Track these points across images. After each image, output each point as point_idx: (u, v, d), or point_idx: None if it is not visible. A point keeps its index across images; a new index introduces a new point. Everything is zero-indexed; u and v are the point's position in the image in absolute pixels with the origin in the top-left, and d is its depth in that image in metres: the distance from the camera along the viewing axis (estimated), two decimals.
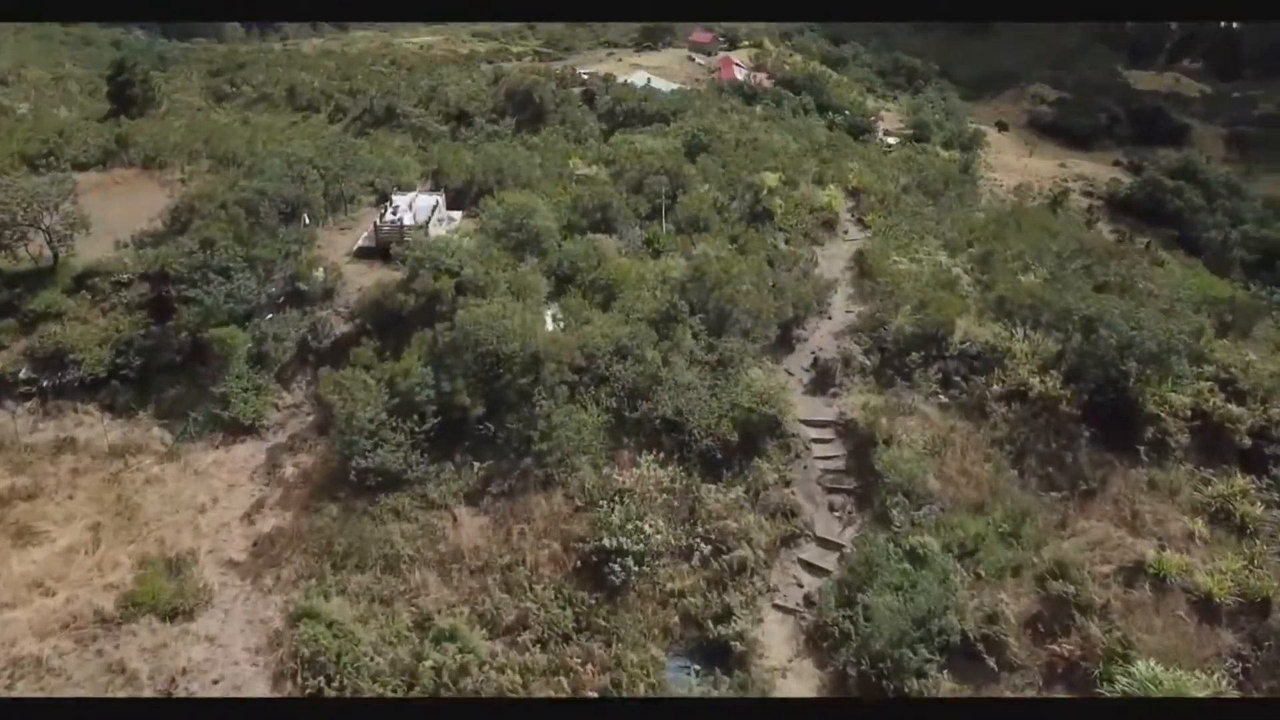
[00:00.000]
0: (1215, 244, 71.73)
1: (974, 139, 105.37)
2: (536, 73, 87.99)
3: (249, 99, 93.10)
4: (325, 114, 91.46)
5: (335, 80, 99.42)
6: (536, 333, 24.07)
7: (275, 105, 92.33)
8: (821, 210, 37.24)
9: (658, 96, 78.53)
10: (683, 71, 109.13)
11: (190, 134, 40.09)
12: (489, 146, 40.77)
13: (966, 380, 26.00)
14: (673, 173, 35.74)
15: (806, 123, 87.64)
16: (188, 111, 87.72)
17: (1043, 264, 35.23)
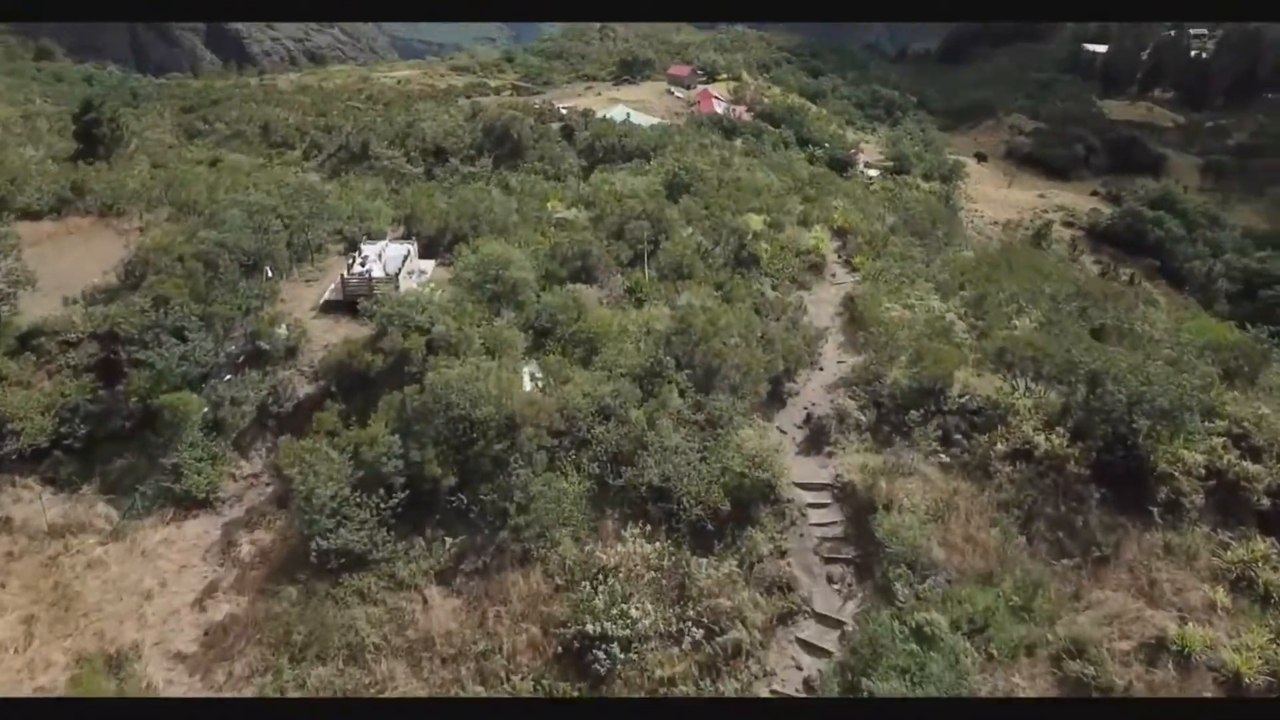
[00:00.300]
0: (1199, 276, 71.39)
1: (954, 170, 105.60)
2: (514, 108, 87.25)
3: (222, 136, 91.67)
4: (300, 151, 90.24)
5: (310, 117, 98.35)
6: (513, 394, 22.54)
7: (249, 142, 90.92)
8: (808, 254, 36.09)
9: (637, 132, 77.86)
10: (661, 105, 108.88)
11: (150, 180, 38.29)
12: (464, 190, 39.19)
13: (968, 438, 24.67)
14: (654, 217, 34.46)
15: (787, 157, 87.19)
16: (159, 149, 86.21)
17: (1037, 306, 34.24)
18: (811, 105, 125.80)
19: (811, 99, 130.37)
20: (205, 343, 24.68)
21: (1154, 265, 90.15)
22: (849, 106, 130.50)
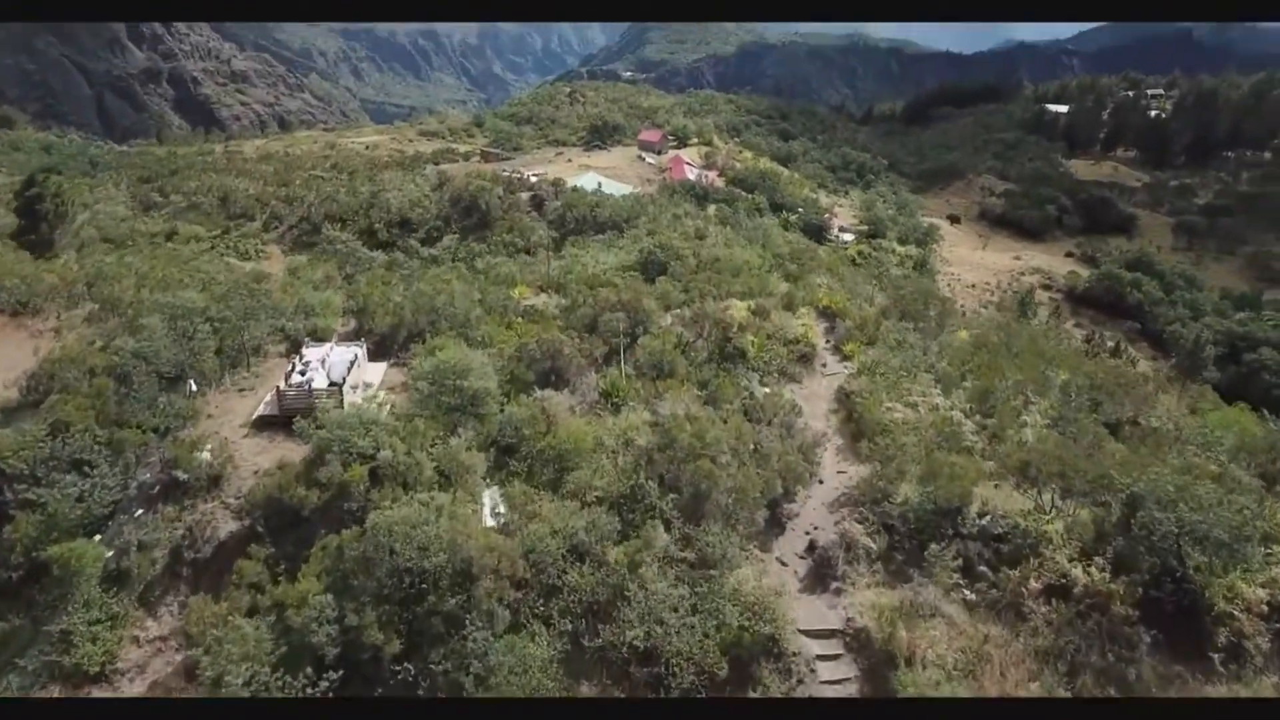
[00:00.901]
0: (1187, 343, 69.82)
1: (928, 234, 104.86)
2: (482, 177, 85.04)
3: (178, 208, 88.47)
4: (260, 222, 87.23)
5: (272, 187, 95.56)
6: (469, 537, 19.15)
7: (207, 214, 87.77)
8: (796, 343, 33.33)
9: (609, 202, 75.86)
10: (633, 172, 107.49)
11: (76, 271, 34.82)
12: (423, 280, 35.88)
13: (994, 569, 21.59)
14: (630, 306, 31.56)
15: (762, 224, 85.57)
16: (111, 222, 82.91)
17: (1044, 397, 31.63)
18: (783, 169, 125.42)
19: (783, 163, 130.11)
20: (110, 477, 21.14)
21: (1135, 328, 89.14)
22: (820, 170, 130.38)
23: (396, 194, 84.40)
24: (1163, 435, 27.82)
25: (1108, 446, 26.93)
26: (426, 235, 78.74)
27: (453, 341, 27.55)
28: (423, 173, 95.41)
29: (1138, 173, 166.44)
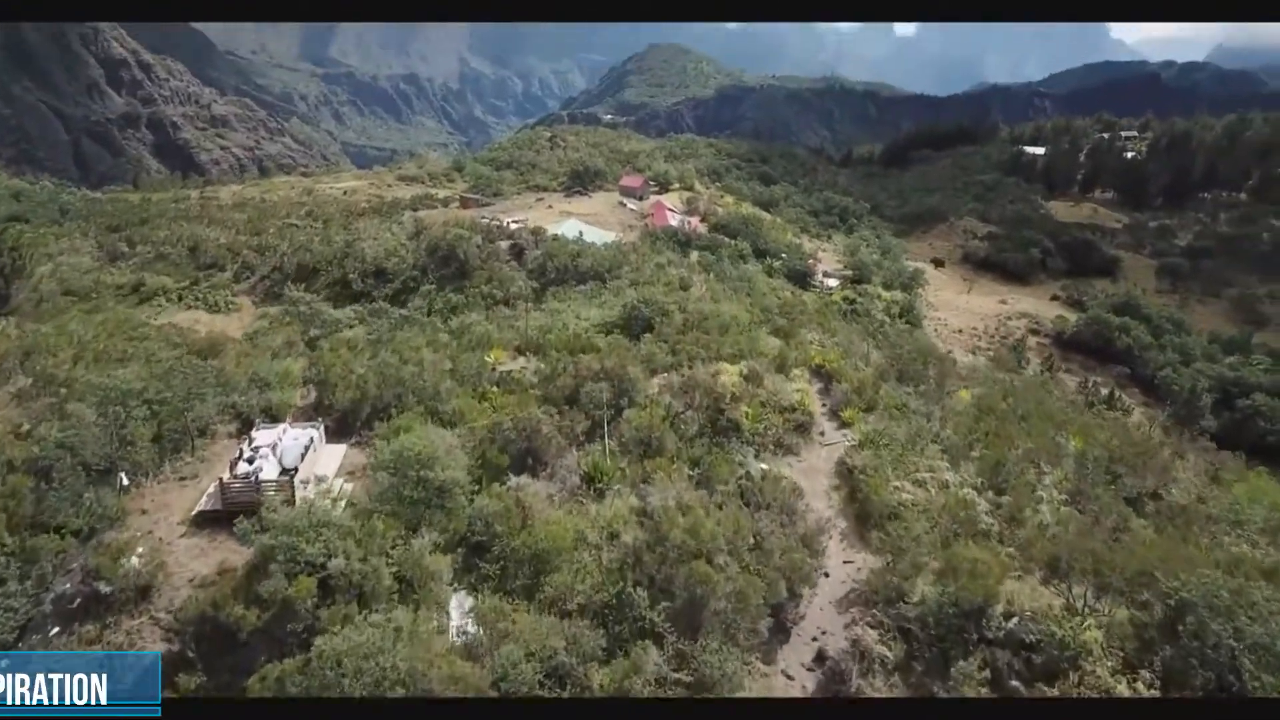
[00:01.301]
0: (1183, 391, 68.37)
1: (914, 278, 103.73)
2: (460, 225, 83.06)
3: (145, 259, 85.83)
4: (230, 273, 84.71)
5: (244, 236, 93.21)
6: (432, 663, 16.56)
7: (176, 264, 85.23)
8: (792, 411, 31.11)
9: (590, 251, 73.91)
10: (614, 218, 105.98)
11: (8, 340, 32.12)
12: (389, 351, 33.02)
13: (1028, 683, 19.19)
14: (614, 374, 29.24)
15: (746, 272, 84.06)
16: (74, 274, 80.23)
17: (1058, 467, 29.54)
18: (765, 214, 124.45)
19: (765, 207, 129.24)
20: (20, 595, 18.40)
21: (1125, 372, 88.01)
22: (803, 214, 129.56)
23: (372, 243, 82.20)
24: (1191, 513, 25.70)
25: (1134, 528, 24.76)
26: (402, 285, 76.41)
27: (420, 420, 25.12)
28: (399, 220, 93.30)
29: (1117, 214, 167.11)
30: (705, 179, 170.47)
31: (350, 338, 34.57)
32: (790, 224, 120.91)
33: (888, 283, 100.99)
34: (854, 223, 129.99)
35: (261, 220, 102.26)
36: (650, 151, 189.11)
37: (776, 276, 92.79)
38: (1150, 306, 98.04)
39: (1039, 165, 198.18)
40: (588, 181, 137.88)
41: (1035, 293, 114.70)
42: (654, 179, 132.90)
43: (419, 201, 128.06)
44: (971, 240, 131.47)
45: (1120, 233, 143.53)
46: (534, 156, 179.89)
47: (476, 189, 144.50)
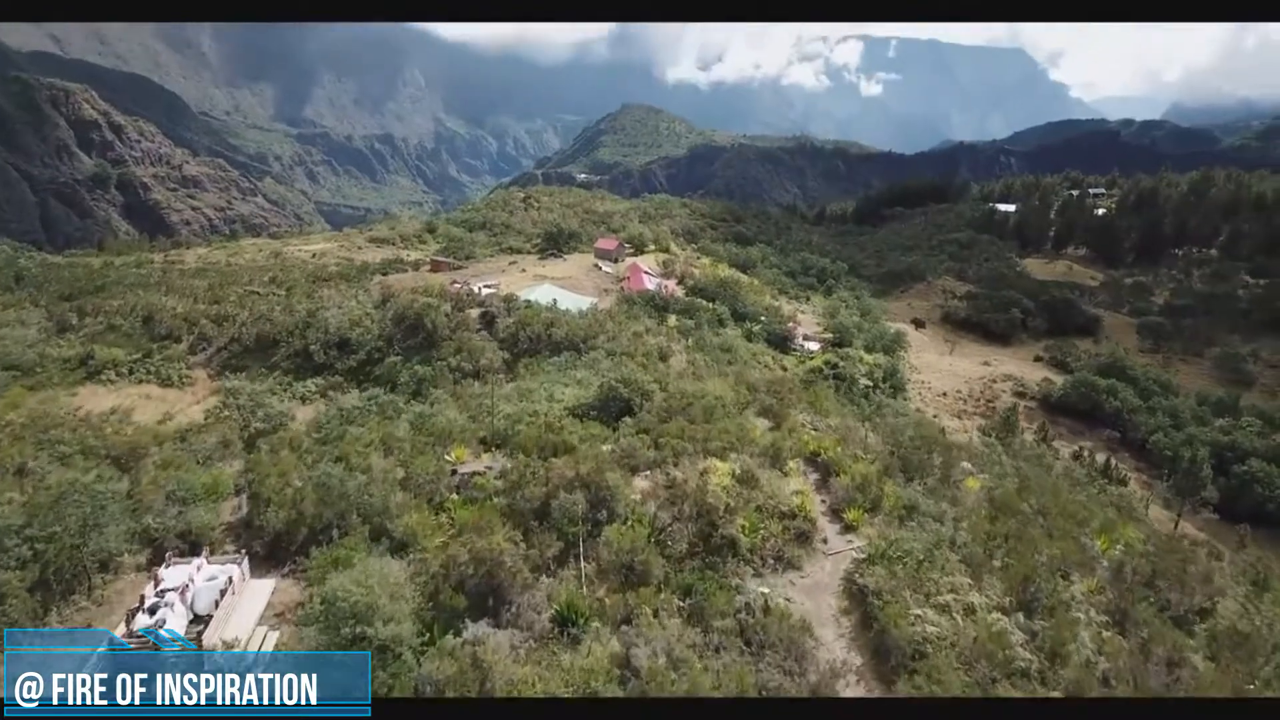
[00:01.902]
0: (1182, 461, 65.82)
1: (895, 340, 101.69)
2: (429, 293, 79.89)
3: (94, 330, 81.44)
4: (186, 344, 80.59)
5: (203, 305, 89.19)
6: None
7: (128, 335, 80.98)
8: (793, 518, 27.69)
9: (565, 318, 70.86)
10: (589, 281, 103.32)
11: None
12: (333, 462, 28.74)
13: None
14: (591, 481, 25.70)
15: (727, 338, 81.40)
16: (18, 348, 75.80)
17: (1090, 576, 26.26)
18: (743, 275, 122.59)
19: (742, 269, 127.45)
20: None
21: (1115, 436, 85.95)
22: (780, 275, 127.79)
23: (336, 312, 78.69)
24: (1256, 641, 22.40)
25: (1190, 660, 21.40)
26: (367, 356, 72.80)
27: (363, 547, 21.37)
28: (365, 288, 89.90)
29: (1092, 271, 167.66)
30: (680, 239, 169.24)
31: (294, 435, 30.75)
32: (768, 285, 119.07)
33: (869, 345, 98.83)
34: (832, 283, 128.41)
35: (222, 287, 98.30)
36: (625, 212, 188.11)
37: (756, 341, 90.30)
38: (1136, 367, 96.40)
39: (1011, 222, 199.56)
40: (562, 243, 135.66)
41: (1018, 353, 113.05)
42: (629, 241, 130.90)
43: (389, 265, 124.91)
44: (951, 300, 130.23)
45: (1098, 291, 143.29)
46: (507, 217, 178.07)
47: (448, 251, 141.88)
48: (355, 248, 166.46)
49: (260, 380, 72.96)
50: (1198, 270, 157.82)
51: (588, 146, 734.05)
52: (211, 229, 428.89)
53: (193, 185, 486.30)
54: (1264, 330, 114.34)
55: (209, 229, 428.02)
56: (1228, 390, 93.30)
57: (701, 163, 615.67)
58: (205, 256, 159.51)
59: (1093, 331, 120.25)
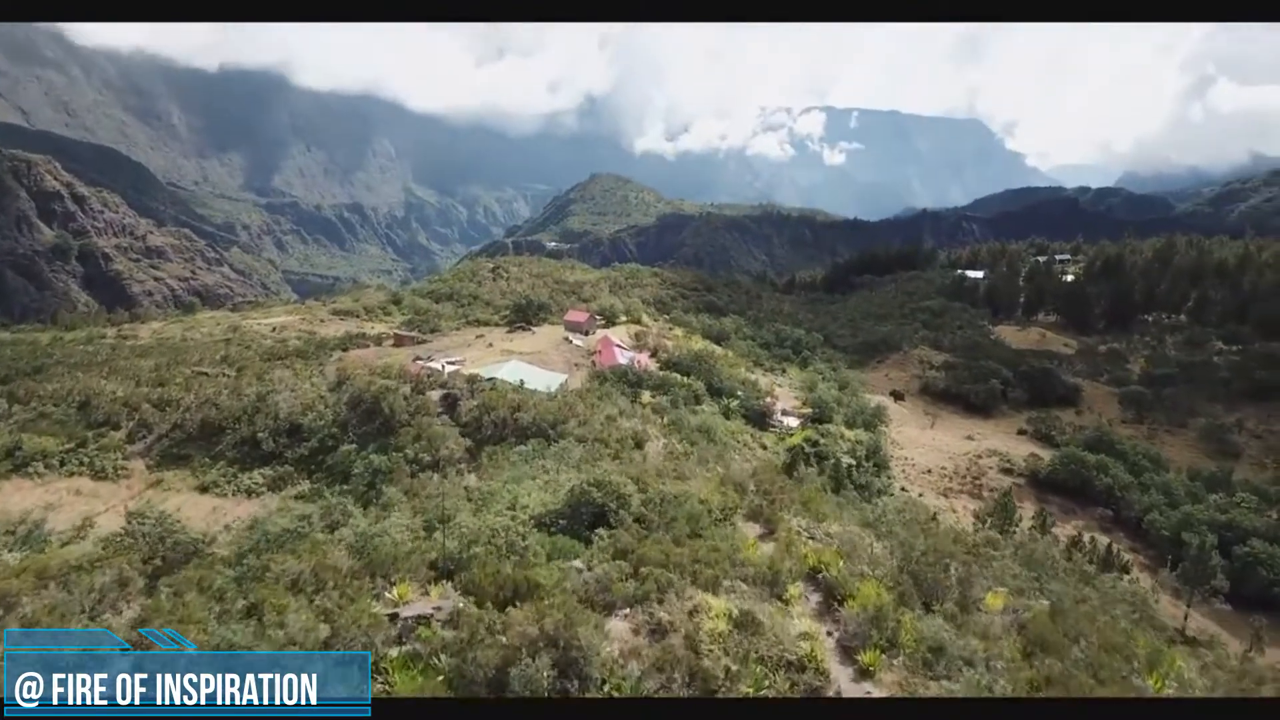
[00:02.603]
0: (1190, 549, 62.33)
1: (876, 415, 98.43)
2: (387, 374, 75.30)
3: (25, 418, 75.59)
4: (125, 431, 74.96)
5: (146, 387, 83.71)
6: None
7: (61, 422, 75.28)
8: (800, 670, 23.21)
9: (532, 401, 66.47)
10: (559, 356, 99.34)
11: None
12: (258, 591, 23.64)
13: None
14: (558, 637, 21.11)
15: (704, 419, 77.41)
16: None
17: None
18: (717, 347, 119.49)
19: (716, 341, 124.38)
20: None
21: (1108, 515, 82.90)
22: (755, 347, 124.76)
23: (287, 395, 73.76)
24: None
25: None
26: (320, 444, 67.70)
27: None
28: (322, 368, 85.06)
29: (1064, 337, 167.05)
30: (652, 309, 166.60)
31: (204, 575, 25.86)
32: (743, 357, 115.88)
33: (850, 420, 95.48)
34: (808, 354, 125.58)
35: (170, 367, 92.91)
36: (595, 282, 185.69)
37: (734, 418, 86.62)
38: (1123, 442, 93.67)
39: (982, 290, 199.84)
40: (531, 315, 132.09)
41: (1000, 426, 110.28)
42: (600, 312, 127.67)
43: (350, 340, 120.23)
44: (929, 370, 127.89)
45: (1074, 359, 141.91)
46: (475, 288, 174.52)
47: (413, 324, 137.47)
48: (317, 320, 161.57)
49: (202, 472, 67.68)
50: (1170, 336, 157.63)
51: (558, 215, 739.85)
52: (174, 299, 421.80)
53: (156, 256, 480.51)
54: (1244, 399, 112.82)
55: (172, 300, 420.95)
56: (1220, 464, 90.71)
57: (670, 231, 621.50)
58: (160, 331, 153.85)
59: (1074, 401, 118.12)
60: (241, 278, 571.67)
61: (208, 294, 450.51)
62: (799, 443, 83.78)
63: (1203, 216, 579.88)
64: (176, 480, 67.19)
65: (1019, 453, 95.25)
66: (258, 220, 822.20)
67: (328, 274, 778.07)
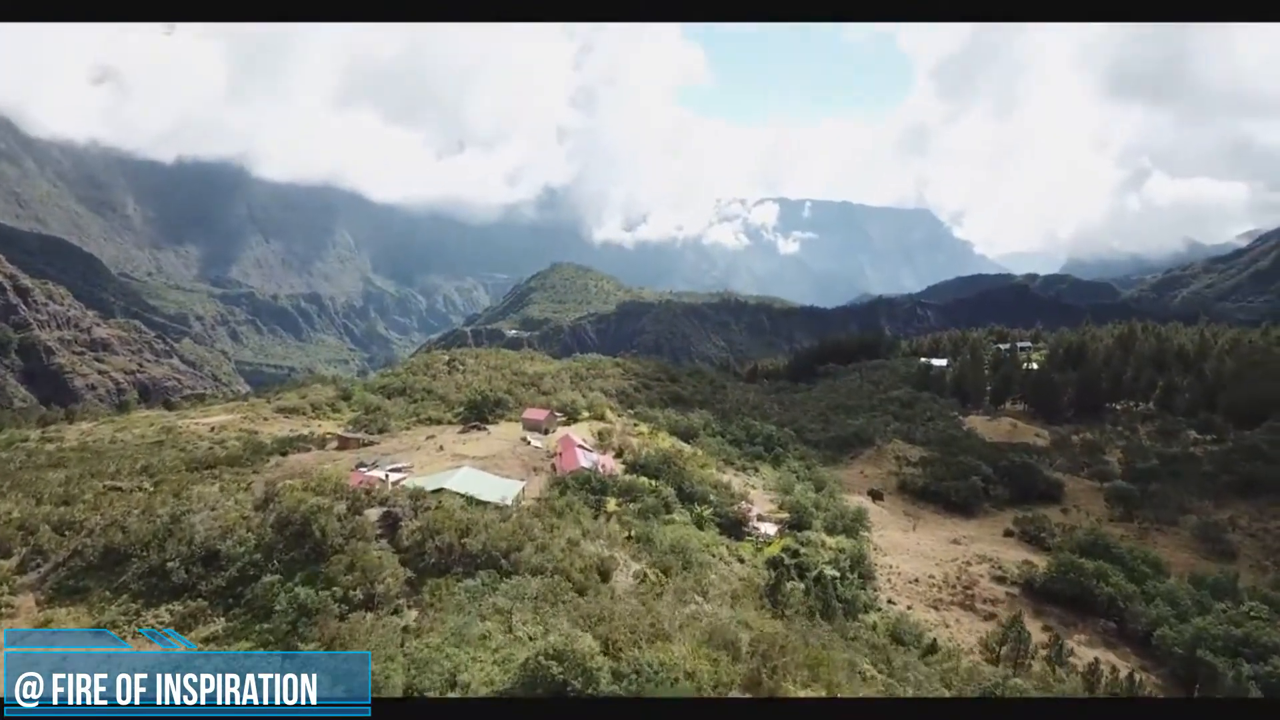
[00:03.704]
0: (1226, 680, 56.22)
1: (857, 519, 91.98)
2: (321, 488, 67.25)
3: None
4: (18, 557, 65.50)
5: (49, 505, 74.51)
6: None
7: None
8: None
9: (482, 522, 58.80)
10: (516, 460, 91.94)
11: None
12: None
13: None
14: None
15: (676, 530, 70.58)
16: None
17: None
18: (685, 445, 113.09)
19: (684, 437, 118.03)
20: None
21: (1111, 627, 76.75)
22: (725, 444, 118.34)
23: (206, 516, 65.04)
24: None
25: None
26: (239, 574, 58.92)
27: None
28: (250, 480, 76.58)
29: (1035, 427, 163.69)
30: (615, 400, 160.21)
31: None
32: (713, 456, 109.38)
33: (830, 526, 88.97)
34: (780, 451, 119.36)
35: (81, 480, 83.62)
36: (556, 373, 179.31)
37: (708, 527, 79.73)
38: (1119, 545, 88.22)
39: (948, 379, 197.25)
40: (487, 412, 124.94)
41: (984, 526, 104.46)
42: (561, 409, 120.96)
43: (290, 442, 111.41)
44: (905, 466, 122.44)
45: (1050, 451, 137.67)
46: (429, 381, 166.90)
47: (360, 423, 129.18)
48: (260, 419, 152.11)
49: (100, 609, 58.47)
50: (1142, 426, 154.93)
51: (518, 304, 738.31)
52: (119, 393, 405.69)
53: (102, 348, 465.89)
54: (1232, 493, 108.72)
55: (116, 393, 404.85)
56: (1221, 567, 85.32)
57: (630, 319, 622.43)
58: (90, 432, 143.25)
59: (1057, 498, 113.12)
60: (191, 369, 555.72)
61: (155, 387, 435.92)
62: (778, 553, 77.21)
63: (1148, 302, 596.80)
64: (69, 618, 57.79)
65: (1009, 558, 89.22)
66: (212, 311, 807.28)
67: (282, 364, 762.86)
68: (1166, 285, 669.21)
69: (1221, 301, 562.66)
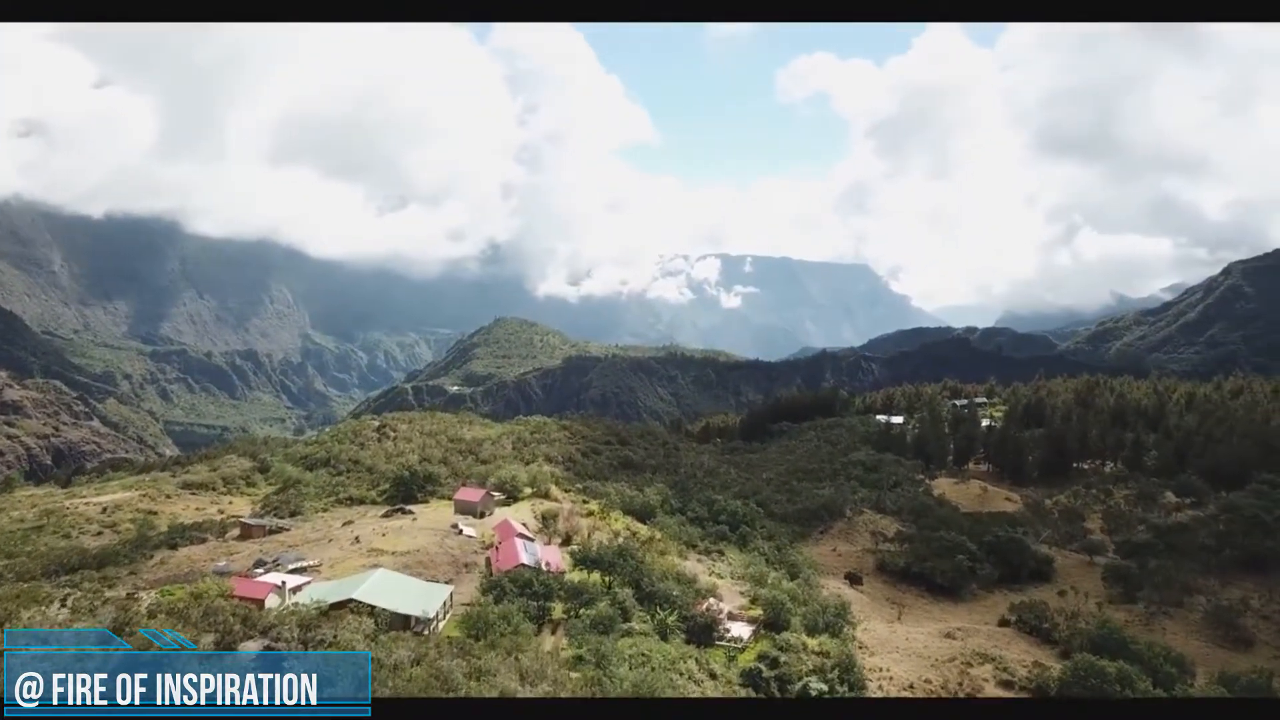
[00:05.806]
0: None
1: (840, 614, 79.96)
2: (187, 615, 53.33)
3: None
4: None
5: None
6: None
7: None
8: None
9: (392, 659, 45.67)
10: (444, 557, 78.33)
11: None
12: None
13: None
14: None
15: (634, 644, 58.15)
16: None
17: None
18: (641, 526, 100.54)
19: (639, 517, 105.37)
20: None
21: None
22: (686, 524, 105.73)
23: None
24: None
25: None
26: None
27: None
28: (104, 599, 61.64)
29: (1004, 491, 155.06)
30: (561, 467, 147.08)
31: None
32: (673, 539, 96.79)
33: (810, 624, 76.75)
34: (746, 530, 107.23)
35: None
36: (496, 439, 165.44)
37: (673, 637, 66.96)
38: (1137, 640, 77.93)
39: (910, 439, 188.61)
40: (416, 489, 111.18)
41: (975, 612, 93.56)
42: (500, 487, 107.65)
43: (186, 530, 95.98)
44: (882, 543, 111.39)
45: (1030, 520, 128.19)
46: (357, 451, 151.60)
47: (272, 505, 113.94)
48: (162, 496, 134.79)
49: None
50: (1115, 488, 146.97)
51: (461, 359, 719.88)
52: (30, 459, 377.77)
53: (13, 411, 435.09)
54: (1237, 569, 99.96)
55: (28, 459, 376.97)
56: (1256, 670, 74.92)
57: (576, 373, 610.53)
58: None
59: (1047, 576, 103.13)
60: (114, 432, 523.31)
61: (71, 451, 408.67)
62: (754, 663, 65.29)
63: (1084, 354, 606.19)
64: None
65: (1013, 656, 78.12)
66: (140, 369, 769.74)
67: (215, 424, 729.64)
68: (1100, 337, 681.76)
69: (1154, 353, 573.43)
